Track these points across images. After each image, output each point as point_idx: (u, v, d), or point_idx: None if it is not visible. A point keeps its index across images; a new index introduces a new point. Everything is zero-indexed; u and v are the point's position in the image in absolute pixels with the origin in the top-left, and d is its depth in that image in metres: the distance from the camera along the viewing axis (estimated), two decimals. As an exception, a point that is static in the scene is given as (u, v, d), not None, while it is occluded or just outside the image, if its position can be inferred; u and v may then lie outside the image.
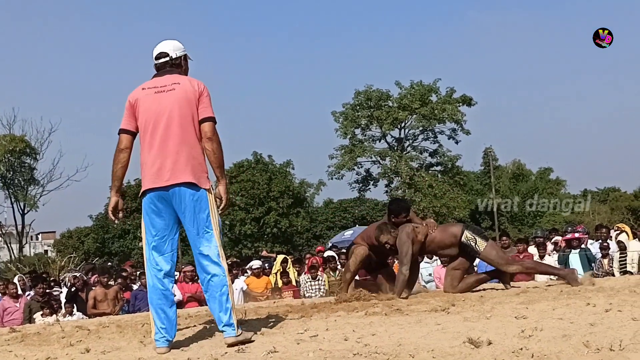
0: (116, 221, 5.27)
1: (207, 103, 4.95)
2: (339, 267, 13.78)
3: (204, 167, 4.89)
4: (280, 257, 14.84)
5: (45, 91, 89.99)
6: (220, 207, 4.89)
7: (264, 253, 22.26)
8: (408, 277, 7.49)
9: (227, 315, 4.75)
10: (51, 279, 16.18)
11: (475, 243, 7.53)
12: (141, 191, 4.94)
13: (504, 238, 14.41)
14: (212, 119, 4.95)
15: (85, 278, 13.58)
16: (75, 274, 14.88)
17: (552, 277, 8.10)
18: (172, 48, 5.13)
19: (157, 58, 5.12)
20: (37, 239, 78.72)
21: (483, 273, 8.40)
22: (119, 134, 5.04)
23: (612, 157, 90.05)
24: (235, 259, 22.93)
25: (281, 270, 13.90)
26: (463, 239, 7.57)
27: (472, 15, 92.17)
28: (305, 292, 12.87)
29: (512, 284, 7.91)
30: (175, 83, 4.93)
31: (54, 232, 70.35)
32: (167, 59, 5.09)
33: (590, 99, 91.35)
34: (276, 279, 13.80)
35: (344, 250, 15.98)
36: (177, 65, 5.13)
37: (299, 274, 14.15)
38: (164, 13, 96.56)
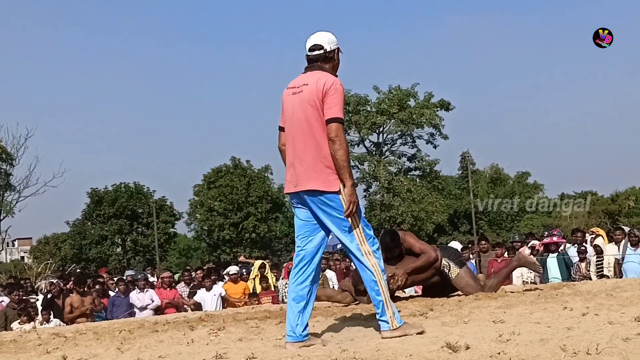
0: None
1: (332, 103, 4.72)
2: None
3: (332, 169, 4.73)
4: (258, 263, 14.80)
5: (21, 97, 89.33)
6: (345, 210, 4.70)
7: (241, 258, 22.16)
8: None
9: (379, 309, 4.68)
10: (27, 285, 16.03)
11: (449, 270, 7.54)
12: (284, 192, 5.04)
13: (483, 242, 14.48)
14: (335, 120, 4.70)
15: (61, 285, 13.48)
16: (52, 280, 14.76)
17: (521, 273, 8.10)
18: (327, 41, 4.99)
19: (310, 50, 4.98)
20: (13, 245, 78.10)
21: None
22: (279, 130, 5.08)
23: (589, 161, 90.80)
24: (212, 265, 22.74)
25: (259, 275, 13.87)
26: (442, 266, 7.58)
27: (450, 20, 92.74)
28: (284, 297, 12.85)
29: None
30: (304, 84, 4.83)
31: (31, 238, 69.85)
32: (322, 51, 4.95)
33: (567, 104, 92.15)
34: (254, 285, 13.76)
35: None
36: (330, 59, 4.99)
37: (277, 279, 14.13)
38: (143, 20, 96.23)
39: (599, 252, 12.81)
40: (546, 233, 15.45)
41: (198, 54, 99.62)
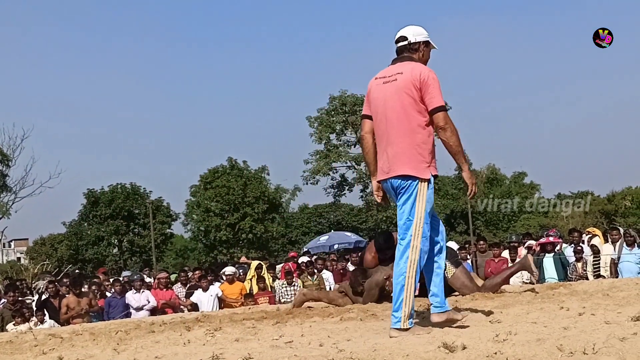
0: (383, 203, 5.31)
1: (433, 92, 4.82)
2: (316, 272, 13.77)
3: (424, 157, 4.85)
4: (255, 263, 14.78)
5: (17, 98, 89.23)
6: (468, 193, 4.86)
7: (243, 259, 22.13)
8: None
9: (396, 304, 4.72)
10: (23, 286, 15.99)
11: (445, 269, 7.53)
12: (376, 180, 5.11)
13: (481, 242, 14.48)
14: (441, 108, 4.81)
15: (58, 286, 13.45)
16: (50, 278, 14.73)
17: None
18: (412, 33, 5.14)
19: (397, 41, 5.15)
20: (9, 246, 78.00)
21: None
22: (362, 118, 5.22)
23: (585, 161, 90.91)
24: (209, 266, 22.73)
25: (256, 276, 13.86)
26: None
27: (445, 20, 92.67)
28: (281, 298, 12.85)
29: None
30: (398, 73, 4.93)
31: (27, 239, 69.77)
32: (406, 42, 5.10)
33: (564, 104, 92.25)
34: (251, 285, 13.75)
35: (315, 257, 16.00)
36: (415, 50, 5.11)
37: (274, 280, 14.12)
38: (140, 21, 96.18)
39: (596, 252, 12.82)
40: (544, 234, 15.49)
41: (195, 54, 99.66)
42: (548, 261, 12.98)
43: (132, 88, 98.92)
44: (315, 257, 18.83)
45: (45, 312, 11.57)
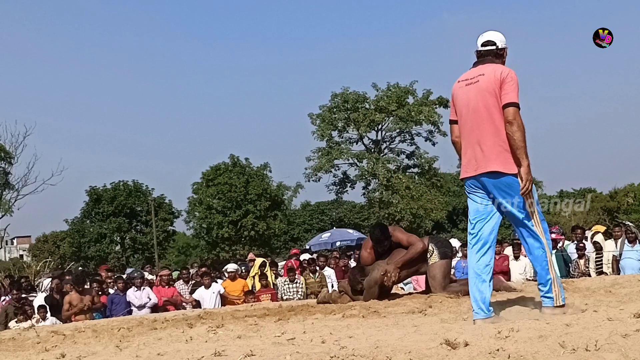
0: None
1: (509, 89, 5.04)
2: (317, 269, 13.77)
3: (510, 153, 5.06)
4: (259, 261, 14.76)
5: (20, 95, 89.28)
6: (521, 188, 5.01)
7: (251, 256, 22.10)
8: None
9: (546, 287, 5.02)
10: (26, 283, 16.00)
11: (430, 255, 7.53)
12: (460, 177, 5.40)
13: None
14: (512, 104, 5.02)
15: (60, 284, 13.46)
16: (56, 274, 14.73)
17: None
18: (499, 39, 5.39)
19: (483, 45, 5.39)
20: (12, 243, 78.07)
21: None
22: (450, 124, 5.48)
23: (587, 158, 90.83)
24: (211, 263, 22.71)
25: (259, 273, 13.85)
26: (428, 249, 7.58)
27: (446, 18, 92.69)
28: (283, 295, 12.86)
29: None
30: (480, 75, 5.19)
31: (29, 236, 69.83)
32: (493, 47, 5.35)
33: (566, 101, 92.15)
34: (254, 282, 13.75)
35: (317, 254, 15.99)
36: (500, 56, 5.36)
37: (276, 277, 14.12)
38: (142, 18, 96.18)
39: (598, 248, 12.81)
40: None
41: (197, 51, 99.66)
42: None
43: (134, 85, 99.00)
44: (315, 254, 18.83)
45: (48, 309, 11.59)
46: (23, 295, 12.54)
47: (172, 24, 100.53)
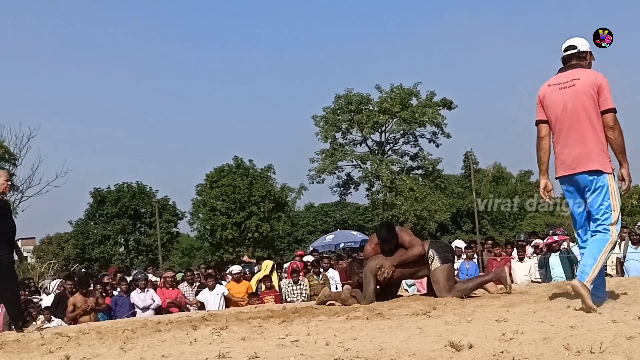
0: (548, 200, 5.91)
1: (606, 95, 5.44)
2: (321, 271, 13.77)
3: (607, 153, 5.47)
4: (269, 264, 14.71)
5: (24, 97, 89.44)
6: (623, 188, 5.47)
7: (245, 258, 22.12)
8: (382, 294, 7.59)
9: (586, 266, 5.38)
10: (31, 285, 16.02)
11: (431, 262, 7.51)
12: (555, 177, 5.71)
13: (489, 242, 14.48)
14: (612, 110, 5.43)
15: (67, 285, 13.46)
16: (61, 279, 14.73)
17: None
18: (580, 43, 5.77)
19: (565, 50, 5.78)
20: (16, 245, 77.95)
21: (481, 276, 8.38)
22: (536, 124, 5.81)
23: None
24: (215, 264, 22.73)
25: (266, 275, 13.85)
26: (427, 256, 7.55)
27: (452, 19, 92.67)
28: (287, 297, 12.85)
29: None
30: (575, 79, 5.54)
31: (34, 238, 69.76)
32: (575, 51, 5.72)
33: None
34: (258, 285, 13.74)
35: (324, 255, 15.98)
36: (582, 58, 5.73)
37: (280, 279, 14.12)
38: (147, 20, 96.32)
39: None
40: (550, 232, 15.45)
41: (201, 54, 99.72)
42: (555, 260, 12.95)
43: (138, 87, 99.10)
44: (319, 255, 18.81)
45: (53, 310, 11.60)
46: (28, 298, 12.55)
47: (177, 26, 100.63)
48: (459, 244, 15.69)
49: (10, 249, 8.20)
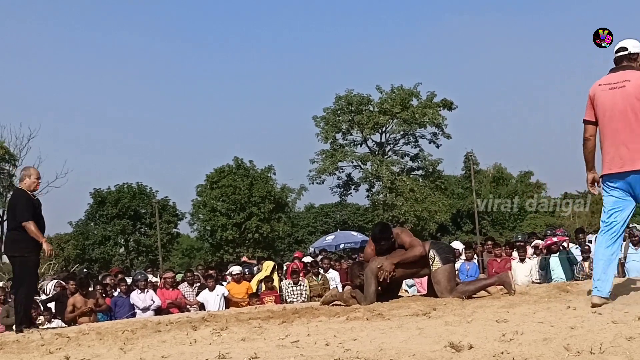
0: (595, 192, 6.07)
1: None
2: (321, 271, 13.77)
3: None
4: (270, 264, 14.72)
5: (24, 98, 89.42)
6: None
7: (244, 259, 22.11)
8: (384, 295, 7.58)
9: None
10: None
11: (432, 262, 7.50)
12: (601, 174, 5.84)
13: (489, 243, 14.48)
14: None
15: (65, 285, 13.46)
16: (59, 280, 14.73)
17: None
18: (632, 45, 5.84)
19: (617, 52, 5.87)
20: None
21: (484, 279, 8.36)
22: (584, 123, 5.90)
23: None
24: (215, 265, 22.70)
25: (267, 276, 13.85)
26: (428, 257, 7.54)
27: (453, 19, 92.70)
28: (287, 297, 12.85)
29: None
30: (625, 80, 5.63)
31: (34, 238, 69.76)
32: (625, 52, 5.80)
33: (570, 103, 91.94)
34: (260, 285, 13.74)
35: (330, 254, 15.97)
36: (633, 60, 5.80)
37: (281, 280, 14.12)
38: (147, 21, 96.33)
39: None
40: (549, 232, 15.45)
41: (201, 54, 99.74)
42: (554, 261, 12.95)
43: (138, 88, 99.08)
44: (320, 256, 18.79)
45: (52, 311, 11.60)
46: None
47: (177, 27, 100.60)
48: (458, 245, 15.68)
49: (37, 249, 8.26)
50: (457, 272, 10.70)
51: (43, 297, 13.44)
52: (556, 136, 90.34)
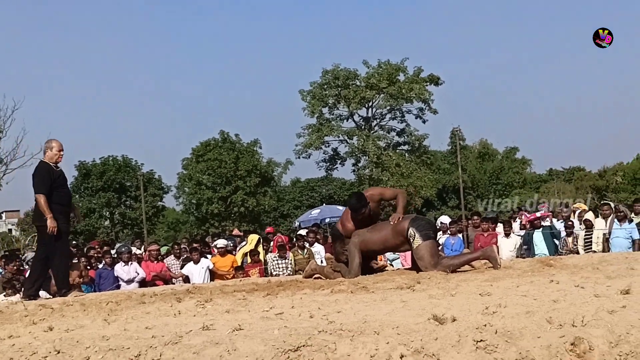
0: None
1: None
2: (306, 245, 13.79)
3: None
4: (255, 237, 14.74)
5: (7, 69, 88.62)
6: None
7: (235, 232, 22.07)
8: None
9: None
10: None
11: (413, 239, 7.47)
12: None
13: (475, 217, 14.55)
14: None
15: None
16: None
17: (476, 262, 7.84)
18: None
19: None
20: (0, 217, 77.78)
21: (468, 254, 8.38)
22: None
23: (577, 137, 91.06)
24: (201, 238, 22.63)
25: (252, 249, 13.87)
26: (408, 234, 7.49)
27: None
28: (273, 271, 12.88)
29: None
30: None
31: (18, 210, 69.60)
32: None
33: (556, 80, 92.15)
34: (245, 258, 13.76)
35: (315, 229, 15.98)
36: None
37: (266, 253, 14.14)
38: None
39: (588, 226, 12.87)
40: (522, 208, 15.59)
41: (187, 27, 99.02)
42: (538, 236, 13.04)
43: (123, 60, 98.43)
44: (306, 229, 18.81)
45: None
46: (21, 269, 12.55)
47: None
48: (445, 219, 15.75)
49: (66, 218, 8.54)
50: (441, 246, 10.73)
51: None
52: (542, 113, 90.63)
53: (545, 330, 3.51)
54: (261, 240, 14.77)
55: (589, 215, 13.69)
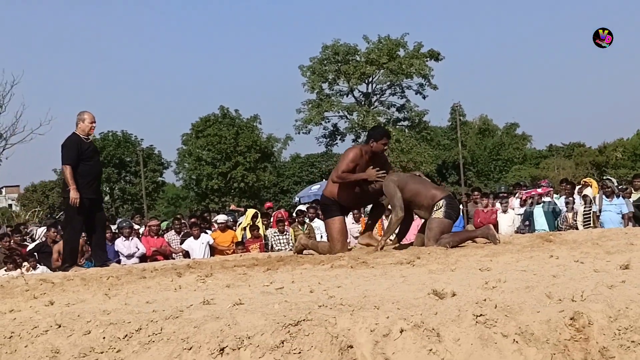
0: None
1: None
2: (307, 220, 13.82)
3: None
4: (251, 212, 14.79)
5: (6, 44, 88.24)
6: None
7: (232, 207, 22.12)
8: (400, 226, 7.62)
9: None
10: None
11: (437, 209, 7.46)
12: None
13: (476, 193, 14.58)
14: None
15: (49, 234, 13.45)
16: (50, 222, 14.75)
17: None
18: None
19: None
20: (0, 192, 77.77)
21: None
22: None
23: (578, 112, 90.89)
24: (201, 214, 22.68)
25: (251, 224, 13.90)
26: (437, 203, 7.47)
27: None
28: (275, 245, 12.92)
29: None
30: None
31: (18, 186, 69.61)
32: None
33: (556, 56, 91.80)
34: (245, 233, 13.80)
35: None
36: None
37: (266, 228, 14.17)
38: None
39: (588, 202, 12.89)
40: (536, 184, 15.57)
41: (187, 1, 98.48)
42: (538, 211, 13.05)
43: (124, 35, 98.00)
44: (306, 205, 18.82)
45: (37, 257, 11.60)
46: (21, 243, 12.60)
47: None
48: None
49: (93, 191, 8.72)
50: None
51: (30, 243, 13.44)
52: (542, 88, 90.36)
53: (545, 305, 3.52)
54: (258, 214, 14.78)
55: (588, 191, 13.71)
